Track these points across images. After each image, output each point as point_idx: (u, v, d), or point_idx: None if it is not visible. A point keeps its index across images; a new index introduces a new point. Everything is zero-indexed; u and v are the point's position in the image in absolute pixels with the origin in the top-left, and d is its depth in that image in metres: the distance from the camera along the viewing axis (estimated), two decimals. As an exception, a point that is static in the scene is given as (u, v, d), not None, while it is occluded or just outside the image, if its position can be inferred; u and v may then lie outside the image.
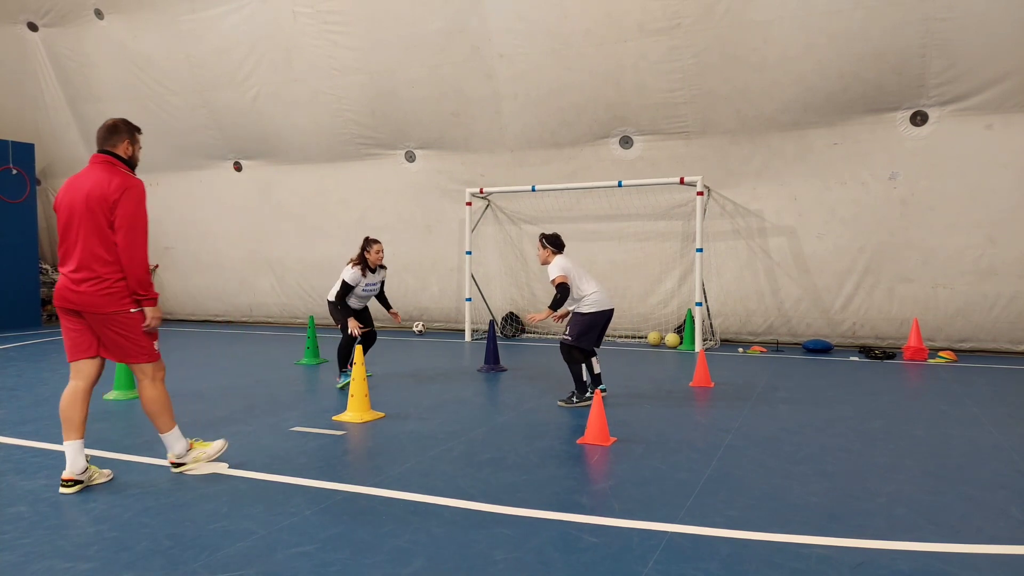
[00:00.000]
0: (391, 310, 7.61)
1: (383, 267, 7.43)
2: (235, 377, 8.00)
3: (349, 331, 7.06)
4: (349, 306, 7.19)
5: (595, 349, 6.52)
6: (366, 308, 7.66)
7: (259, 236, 13.88)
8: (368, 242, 7.21)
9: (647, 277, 11.18)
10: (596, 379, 6.53)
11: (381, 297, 7.65)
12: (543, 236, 6.57)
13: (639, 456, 4.76)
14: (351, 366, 7.22)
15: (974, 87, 9.13)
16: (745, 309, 10.74)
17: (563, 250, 6.54)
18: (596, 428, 5.11)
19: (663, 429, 5.50)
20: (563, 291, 6.18)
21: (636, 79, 10.36)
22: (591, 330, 6.30)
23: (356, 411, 5.86)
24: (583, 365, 6.44)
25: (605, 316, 6.34)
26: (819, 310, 10.33)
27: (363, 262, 7.15)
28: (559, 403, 6.43)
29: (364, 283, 7.22)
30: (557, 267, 6.26)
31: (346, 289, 7.11)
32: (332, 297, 7.25)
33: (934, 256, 9.65)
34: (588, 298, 6.25)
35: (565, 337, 6.30)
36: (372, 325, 7.65)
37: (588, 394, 6.34)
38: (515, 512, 3.73)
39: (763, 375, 8.00)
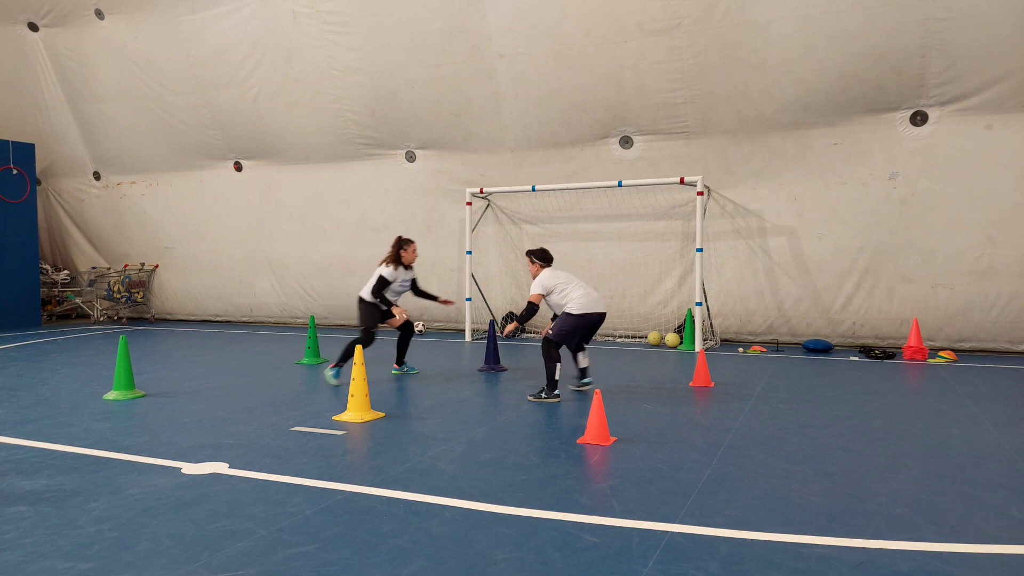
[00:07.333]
0: (439, 299, 8.04)
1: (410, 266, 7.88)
2: (235, 377, 8.00)
3: (392, 319, 7.53)
4: (388, 299, 7.61)
5: (584, 346, 6.79)
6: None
7: (259, 236, 13.88)
8: (403, 242, 7.67)
9: (647, 277, 11.17)
10: (583, 372, 6.87)
11: (422, 293, 8.05)
12: (530, 252, 6.90)
13: (639, 456, 4.76)
14: (342, 364, 7.48)
15: (974, 87, 9.14)
16: (745, 309, 10.74)
17: (551, 263, 6.83)
18: (596, 428, 5.11)
19: (663, 429, 5.50)
20: (531, 309, 6.43)
21: (636, 79, 10.36)
22: (576, 331, 6.51)
23: (356, 411, 5.86)
24: (573, 357, 6.77)
25: (592, 319, 6.51)
26: (819, 310, 10.33)
27: (398, 259, 7.61)
28: (529, 398, 6.60)
29: (400, 279, 7.68)
30: (538, 283, 6.56)
31: (383, 284, 7.50)
32: (366, 294, 7.53)
33: (934, 256, 9.65)
34: (576, 301, 6.44)
35: (548, 332, 6.50)
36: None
37: (557, 392, 6.51)
38: (515, 512, 3.73)
39: (763, 375, 7.99)
